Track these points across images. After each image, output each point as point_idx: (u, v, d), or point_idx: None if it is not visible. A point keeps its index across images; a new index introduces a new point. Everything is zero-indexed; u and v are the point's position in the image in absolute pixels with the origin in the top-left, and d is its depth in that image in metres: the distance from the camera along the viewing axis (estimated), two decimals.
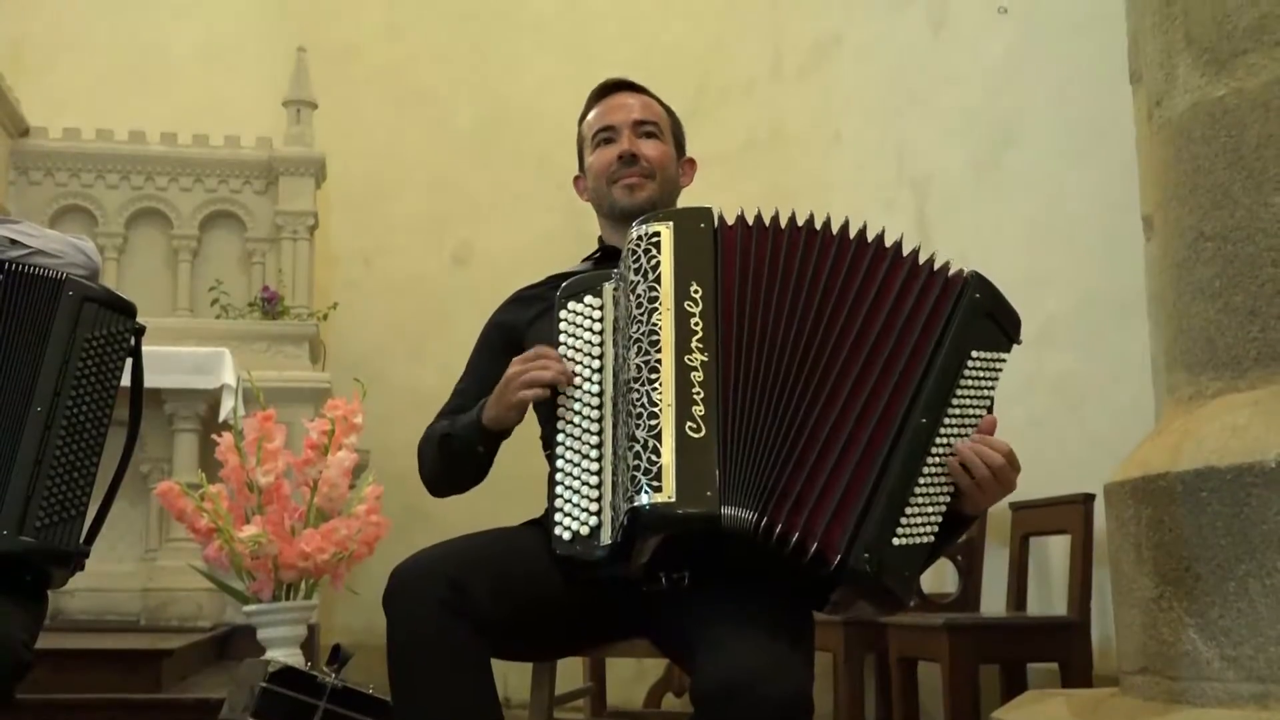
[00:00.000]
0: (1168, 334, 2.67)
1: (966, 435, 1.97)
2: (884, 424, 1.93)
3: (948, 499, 1.94)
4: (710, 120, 6.02)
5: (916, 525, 1.89)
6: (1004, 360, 2.03)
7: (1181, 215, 2.55)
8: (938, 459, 1.93)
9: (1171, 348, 2.64)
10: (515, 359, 2.09)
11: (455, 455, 2.24)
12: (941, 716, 3.99)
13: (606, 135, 2.35)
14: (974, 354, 2.00)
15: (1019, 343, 2.05)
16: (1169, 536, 2.36)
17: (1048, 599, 4.47)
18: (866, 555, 1.84)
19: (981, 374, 2.00)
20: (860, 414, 1.93)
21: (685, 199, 2.38)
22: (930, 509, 1.91)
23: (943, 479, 1.93)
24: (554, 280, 2.30)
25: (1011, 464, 1.97)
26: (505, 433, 2.17)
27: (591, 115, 2.40)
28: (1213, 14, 2.48)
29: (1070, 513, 4.07)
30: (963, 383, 1.98)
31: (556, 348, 2.06)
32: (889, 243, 2.05)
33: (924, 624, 4.07)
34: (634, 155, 2.31)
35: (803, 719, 1.82)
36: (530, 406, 2.11)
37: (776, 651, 1.85)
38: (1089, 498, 3.97)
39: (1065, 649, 3.94)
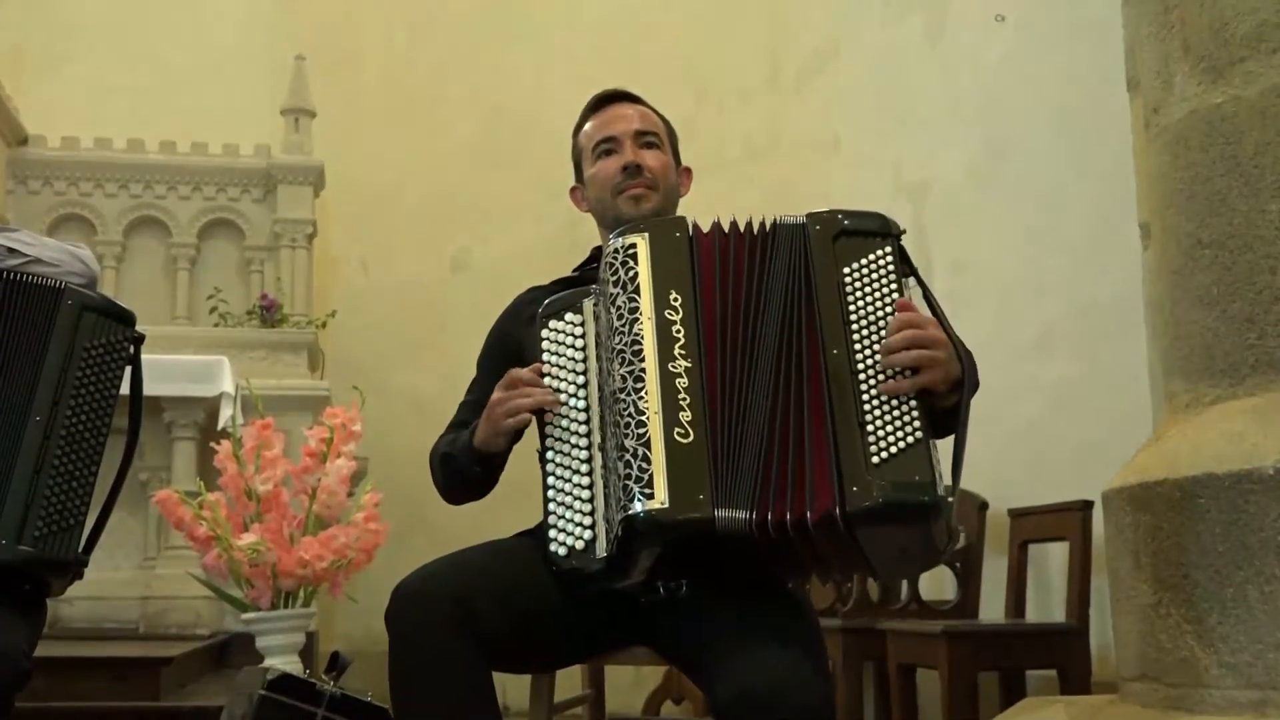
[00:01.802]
0: (1165, 341, 2.68)
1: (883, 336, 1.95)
2: (815, 380, 1.92)
3: (909, 396, 1.90)
4: (709, 129, 6.03)
5: (889, 434, 1.86)
6: (885, 254, 2.00)
7: (1179, 223, 2.56)
8: (869, 374, 1.91)
9: (1169, 355, 2.64)
10: (498, 385, 2.10)
11: (457, 475, 2.26)
12: None
13: (608, 147, 2.35)
14: (845, 271, 1.99)
15: (895, 234, 2.03)
16: (1167, 543, 2.36)
17: (1046, 606, 4.47)
18: (856, 489, 1.82)
19: (866, 282, 1.98)
20: (817, 389, 1.93)
21: (683, 207, 2.38)
22: (895, 414, 1.88)
23: (890, 384, 1.91)
24: (560, 284, 2.32)
25: (915, 325, 1.93)
26: (500, 454, 2.18)
27: (589, 126, 2.40)
28: (1210, 22, 2.48)
29: (1068, 520, 4.07)
30: (850, 301, 1.96)
31: (541, 367, 2.07)
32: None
33: (922, 631, 4.08)
34: (638, 166, 2.31)
35: None
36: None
37: (799, 661, 1.86)
38: (1087, 504, 3.97)
39: (1064, 656, 3.94)
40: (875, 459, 1.84)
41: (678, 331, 1.96)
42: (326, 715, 3.12)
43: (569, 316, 2.10)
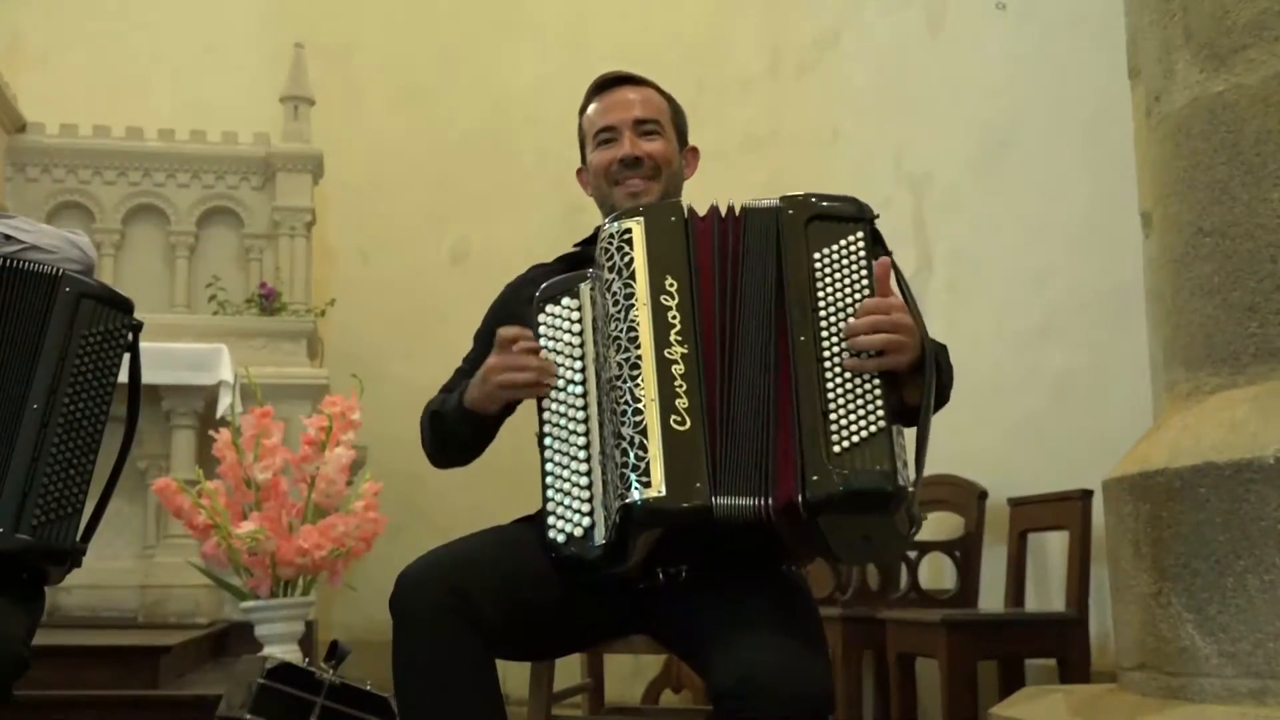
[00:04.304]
0: (1166, 330, 2.67)
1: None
2: (785, 366, 1.93)
3: (874, 385, 1.90)
4: (708, 118, 5.99)
5: (852, 423, 1.87)
6: (858, 239, 1.99)
7: (1180, 211, 2.55)
8: (834, 361, 1.91)
9: (1170, 344, 2.64)
10: (495, 346, 2.09)
11: (444, 434, 2.25)
12: (939, 713, 3.99)
13: (607, 136, 2.32)
14: (815, 256, 1.98)
15: (868, 218, 2.02)
16: (1167, 533, 2.36)
17: (1046, 595, 4.47)
18: (816, 478, 1.84)
19: (837, 267, 1.98)
20: (786, 376, 1.93)
21: (688, 190, 2.37)
22: (858, 402, 1.88)
23: (853, 372, 1.91)
24: (563, 260, 2.32)
25: (881, 310, 1.92)
26: (489, 416, 2.17)
27: (591, 110, 2.37)
28: (1212, 10, 2.48)
29: (1068, 509, 4.07)
30: (820, 286, 1.96)
31: (537, 351, 2.07)
32: None
33: (922, 620, 4.08)
34: (636, 158, 2.29)
35: (826, 714, 1.83)
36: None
37: (798, 649, 1.87)
38: (1087, 494, 3.97)
39: (1063, 645, 3.94)
40: (837, 448, 1.86)
41: (673, 317, 1.95)
42: (325, 704, 3.13)
43: (565, 301, 2.09)
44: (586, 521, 1.95)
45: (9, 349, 2.24)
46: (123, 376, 2.35)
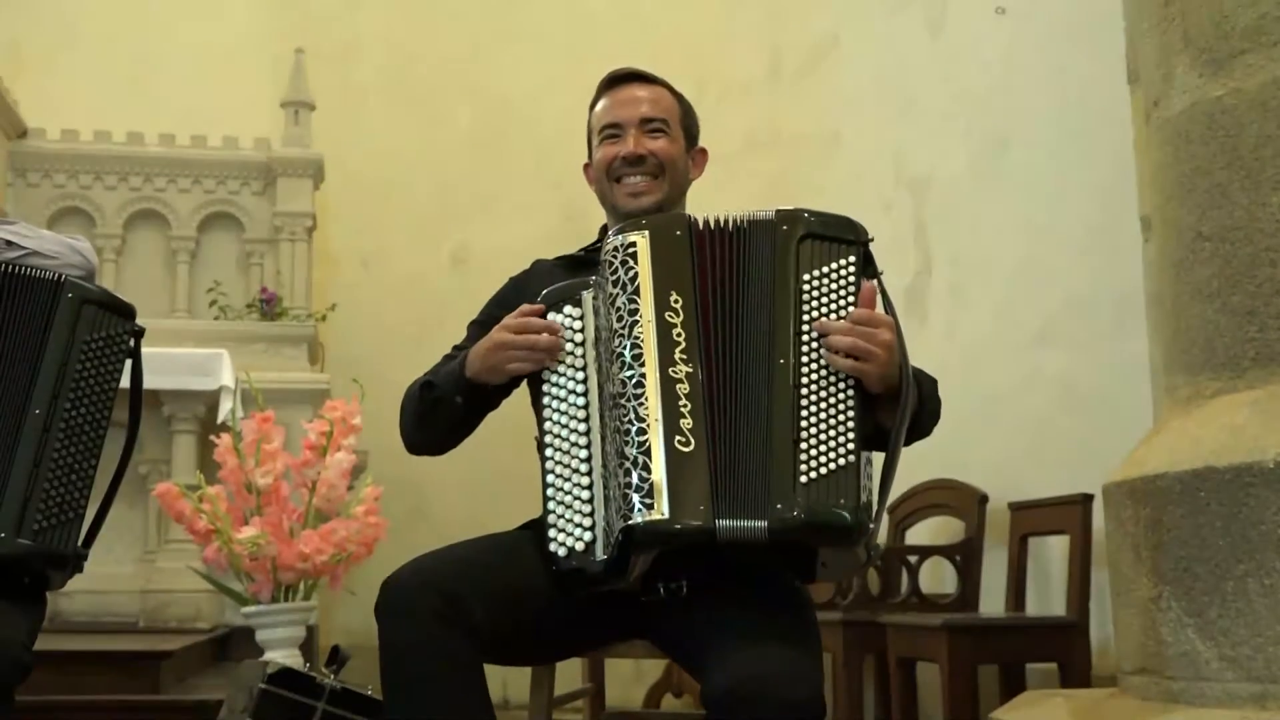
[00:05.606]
0: (1166, 334, 2.67)
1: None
2: (768, 389, 1.92)
3: (848, 417, 1.89)
4: (708, 121, 5.93)
5: (820, 455, 1.86)
6: (848, 263, 1.98)
7: (1180, 215, 2.55)
8: (812, 387, 1.90)
9: (1170, 348, 2.64)
10: (506, 320, 2.08)
11: (432, 404, 2.21)
12: (941, 717, 3.99)
13: (612, 133, 2.30)
14: (805, 277, 1.97)
15: (862, 240, 2.00)
16: (1167, 537, 2.36)
17: (1046, 599, 4.47)
18: (780, 506, 1.84)
19: (824, 291, 1.97)
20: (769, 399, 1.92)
21: (694, 192, 2.36)
22: (830, 432, 1.88)
23: (828, 401, 1.90)
24: (567, 260, 2.32)
25: (866, 321, 1.92)
26: (484, 388, 2.14)
27: (600, 107, 2.35)
28: (1211, 14, 2.48)
29: (1069, 513, 4.07)
30: (806, 307, 1.95)
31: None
32: None
33: (923, 624, 4.08)
34: (640, 157, 2.27)
35: None
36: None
37: (790, 655, 1.86)
38: (1087, 498, 3.97)
39: (1064, 649, 3.94)
40: (804, 478, 1.85)
41: (678, 335, 1.94)
42: (326, 709, 3.13)
43: (568, 310, 2.07)
44: (588, 536, 1.94)
45: (11, 354, 2.24)
46: (124, 382, 2.35)
